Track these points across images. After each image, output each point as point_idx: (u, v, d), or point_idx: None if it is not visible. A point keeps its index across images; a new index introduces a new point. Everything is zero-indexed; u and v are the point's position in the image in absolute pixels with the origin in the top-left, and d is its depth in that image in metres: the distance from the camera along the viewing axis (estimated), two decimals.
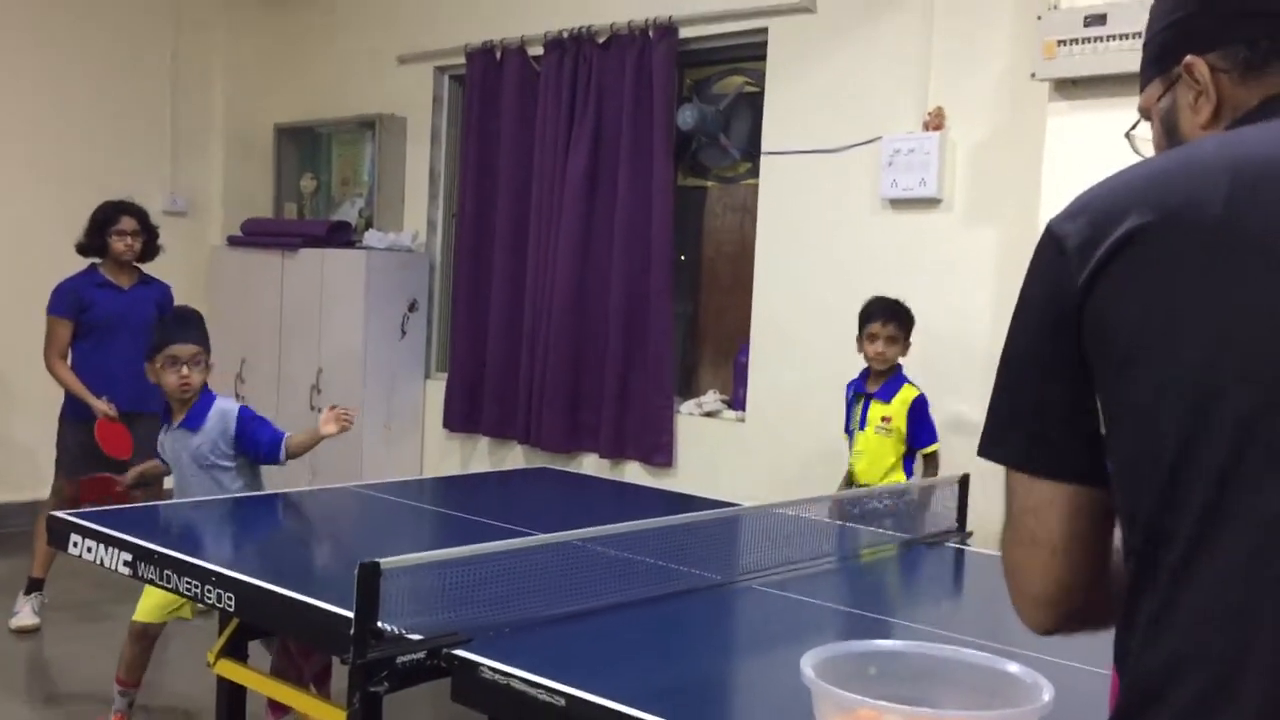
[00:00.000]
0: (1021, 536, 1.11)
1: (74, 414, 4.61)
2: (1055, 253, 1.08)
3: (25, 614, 4.60)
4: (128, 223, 4.64)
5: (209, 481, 3.52)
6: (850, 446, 4.04)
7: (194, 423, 3.52)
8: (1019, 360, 1.11)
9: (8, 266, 5.94)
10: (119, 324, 4.60)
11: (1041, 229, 1.14)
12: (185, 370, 3.48)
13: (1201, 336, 0.99)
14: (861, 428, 3.96)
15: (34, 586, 4.64)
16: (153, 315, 4.65)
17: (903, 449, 3.92)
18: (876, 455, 3.92)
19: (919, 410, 3.92)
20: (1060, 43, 3.73)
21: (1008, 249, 4.16)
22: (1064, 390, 1.08)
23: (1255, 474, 0.96)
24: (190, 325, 3.60)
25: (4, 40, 6.03)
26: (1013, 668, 1.52)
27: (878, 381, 3.96)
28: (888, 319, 3.92)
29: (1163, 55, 1.19)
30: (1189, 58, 1.15)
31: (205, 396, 3.56)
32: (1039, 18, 3.83)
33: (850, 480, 4.03)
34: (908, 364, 4.02)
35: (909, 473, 3.91)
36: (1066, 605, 1.11)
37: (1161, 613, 1.01)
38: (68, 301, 4.59)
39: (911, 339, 3.97)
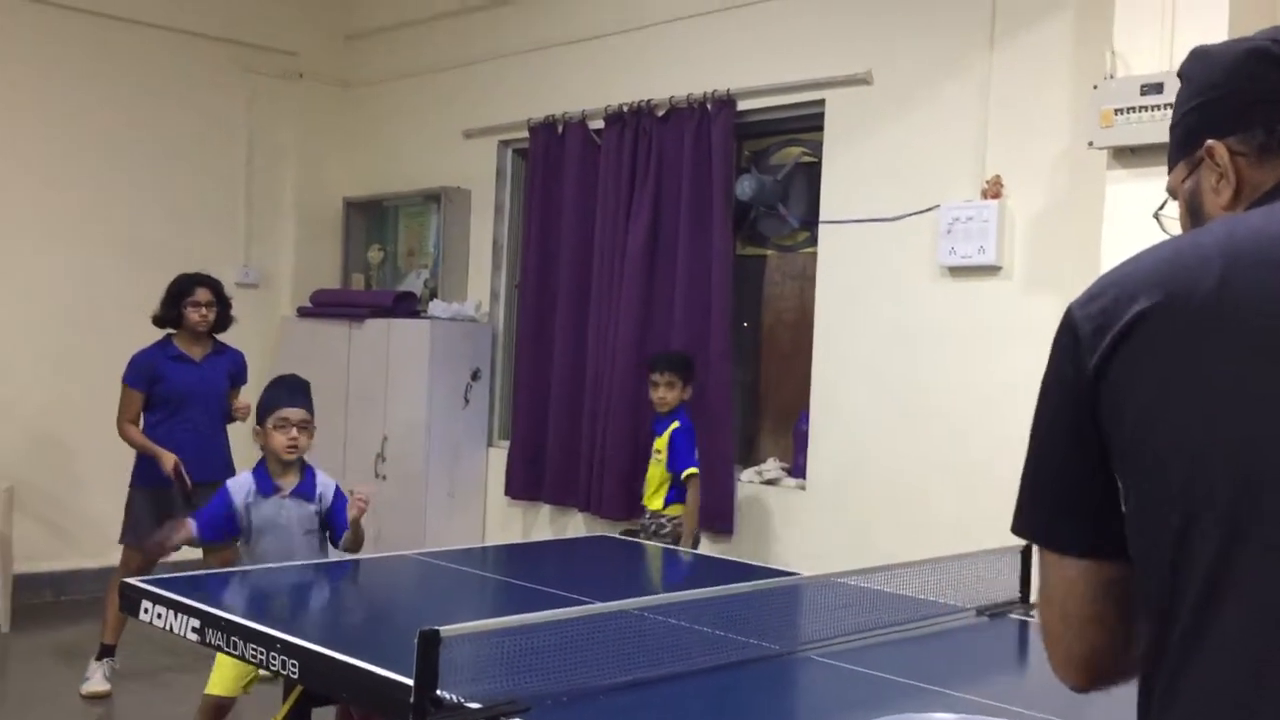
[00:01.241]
0: (1053, 608, 1.15)
1: (143, 480, 4.71)
2: (1071, 339, 1.11)
3: (97, 679, 4.67)
4: (202, 294, 4.75)
5: (315, 548, 3.67)
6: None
7: (308, 491, 3.68)
8: (1040, 441, 1.16)
9: (83, 338, 6.13)
10: (190, 396, 4.72)
11: None
12: (295, 433, 3.63)
13: (1192, 418, 1.01)
14: (650, 458, 4.79)
15: (105, 652, 4.70)
16: (224, 386, 4.80)
17: (664, 475, 4.69)
18: (656, 482, 4.73)
19: (677, 439, 4.64)
20: (1117, 111, 3.74)
21: None
22: (1083, 471, 1.11)
23: (1245, 562, 0.97)
24: (299, 392, 3.76)
25: (87, 120, 6.28)
26: None
27: (661, 422, 4.74)
28: (664, 369, 4.73)
29: (1187, 139, 1.22)
30: (1210, 141, 1.19)
31: (308, 468, 3.71)
32: (1095, 87, 3.85)
33: (644, 508, 4.80)
34: (971, 430, 4.00)
35: (681, 498, 4.65)
36: (1098, 670, 1.15)
37: (1169, 687, 1.03)
38: (142, 373, 4.70)
39: (690, 384, 4.75)
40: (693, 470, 4.65)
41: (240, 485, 3.66)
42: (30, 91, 6.11)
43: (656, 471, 4.75)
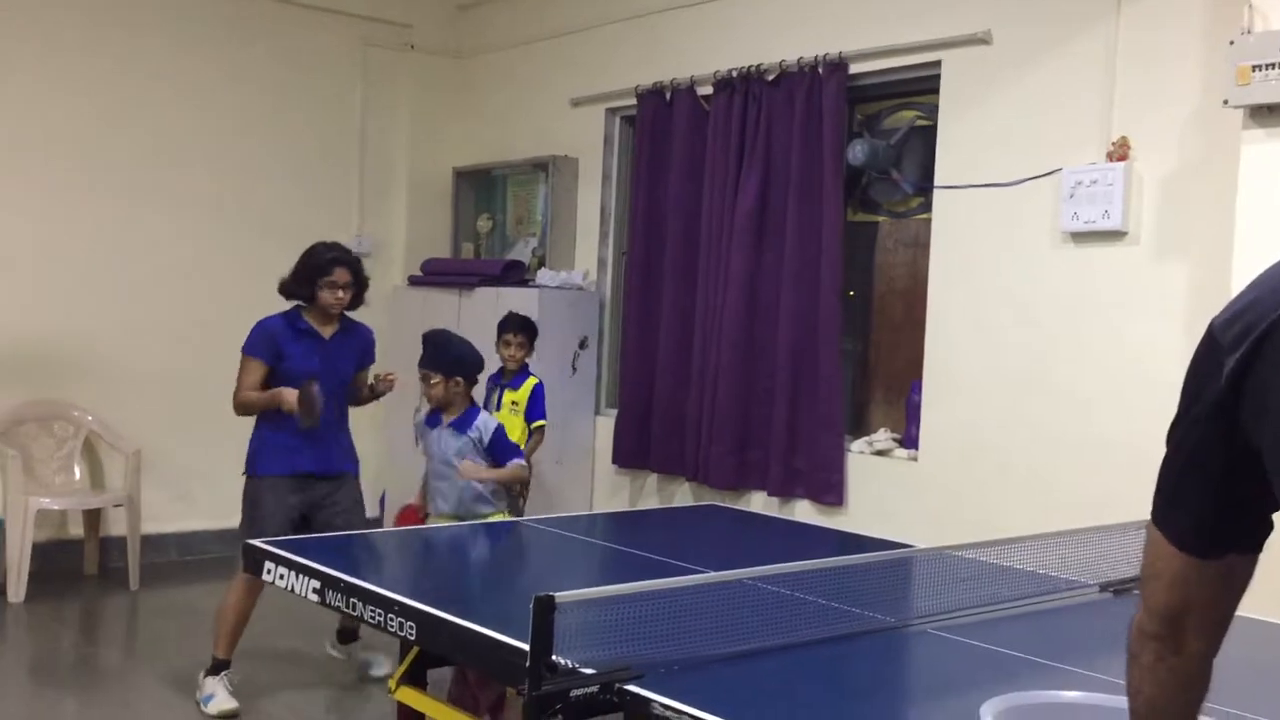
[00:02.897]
0: (1164, 585, 1.26)
1: (267, 467, 4.26)
2: (1211, 341, 1.15)
3: (222, 697, 4.14)
4: (341, 274, 4.31)
5: (454, 481, 4.00)
6: None
7: (461, 427, 4.06)
8: (1180, 448, 1.20)
9: (205, 305, 6.31)
10: (314, 378, 4.21)
11: (1236, 260, 1.20)
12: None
13: None
14: (498, 409, 5.05)
15: (219, 667, 4.22)
16: (350, 372, 4.47)
17: (524, 425, 5.12)
18: (516, 433, 4.92)
19: (536, 395, 5.17)
20: (1255, 67, 3.56)
21: (1199, 283, 3.98)
22: (1217, 480, 1.16)
23: None
24: (433, 348, 4.16)
25: (213, 93, 6.45)
26: None
27: (509, 376, 5.20)
28: (517, 330, 5.23)
29: None
30: None
31: (471, 409, 4.15)
32: (1231, 42, 3.67)
33: None
34: (1094, 403, 3.88)
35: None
36: (1188, 660, 1.28)
37: None
38: (264, 344, 4.27)
39: (535, 345, 5.28)
40: (543, 422, 5.19)
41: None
42: (153, 68, 6.28)
43: (517, 422, 5.08)
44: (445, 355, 4.12)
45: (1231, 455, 1.12)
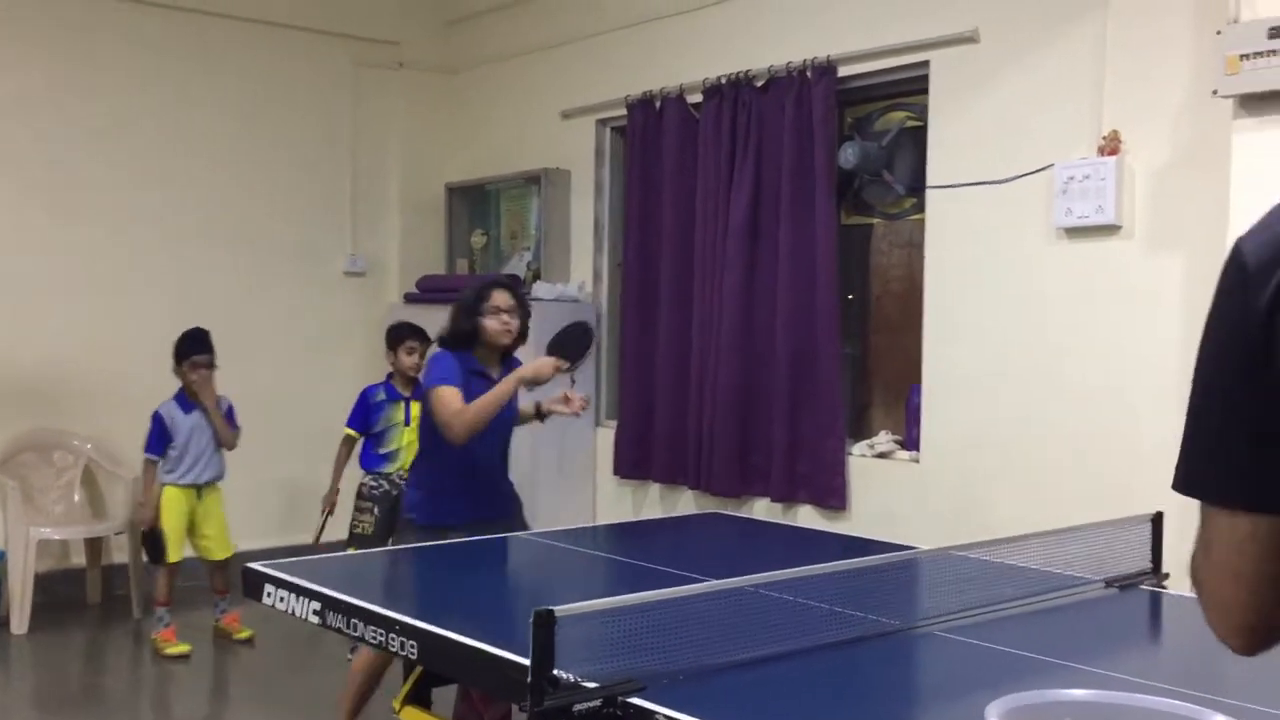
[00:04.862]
0: (1221, 569, 1.07)
1: (428, 518, 3.75)
2: (1237, 270, 1.03)
3: None
4: (502, 298, 3.80)
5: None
6: (386, 441, 5.14)
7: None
8: (1206, 388, 1.06)
9: (199, 320, 6.17)
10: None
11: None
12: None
13: None
14: (407, 424, 5.07)
15: None
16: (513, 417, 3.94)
17: None
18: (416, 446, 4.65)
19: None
20: (1243, 56, 3.55)
21: (1195, 274, 3.97)
22: (1257, 417, 1.02)
23: None
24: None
25: (198, 118, 6.44)
26: (1218, 718, 1.43)
27: (409, 387, 5.12)
28: (422, 338, 5.14)
29: None
30: None
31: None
32: (1219, 32, 3.66)
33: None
34: (1094, 398, 3.86)
35: None
36: (1266, 633, 1.07)
37: None
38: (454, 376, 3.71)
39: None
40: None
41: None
42: (142, 92, 6.28)
43: (415, 436, 4.72)
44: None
45: (1258, 394, 1.01)
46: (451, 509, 3.77)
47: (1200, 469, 1.07)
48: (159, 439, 5.35)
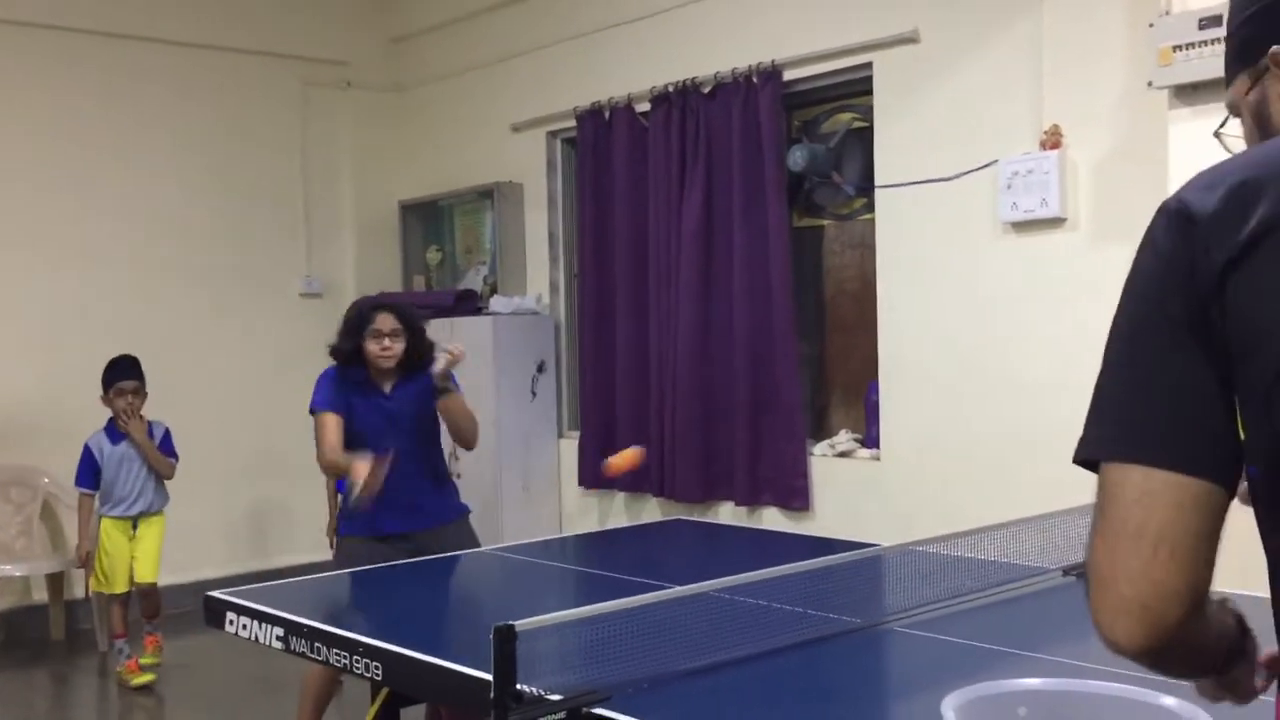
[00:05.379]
0: (1118, 528, 0.98)
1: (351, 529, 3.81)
2: (1184, 221, 0.99)
3: None
4: (385, 321, 3.79)
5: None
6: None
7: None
8: (1136, 337, 1.01)
9: (143, 357, 6.08)
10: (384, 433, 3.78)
11: None
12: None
13: None
14: None
15: None
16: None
17: None
18: None
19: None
20: (1176, 48, 3.62)
21: None
22: (1198, 377, 0.98)
23: None
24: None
25: (144, 140, 6.40)
26: (1169, 701, 1.46)
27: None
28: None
29: (1246, 48, 1.15)
30: (1275, 48, 1.11)
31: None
32: (1151, 25, 3.73)
33: None
34: (1046, 388, 3.91)
35: None
36: (1161, 616, 0.97)
37: None
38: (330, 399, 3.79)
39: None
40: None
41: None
42: (85, 120, 6.23)
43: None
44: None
45: (1202, 351, 0.97)
46: (366, 523, 3.75)
47: (1114, 422, 1.02)
48: (88, 471, 5.26)
